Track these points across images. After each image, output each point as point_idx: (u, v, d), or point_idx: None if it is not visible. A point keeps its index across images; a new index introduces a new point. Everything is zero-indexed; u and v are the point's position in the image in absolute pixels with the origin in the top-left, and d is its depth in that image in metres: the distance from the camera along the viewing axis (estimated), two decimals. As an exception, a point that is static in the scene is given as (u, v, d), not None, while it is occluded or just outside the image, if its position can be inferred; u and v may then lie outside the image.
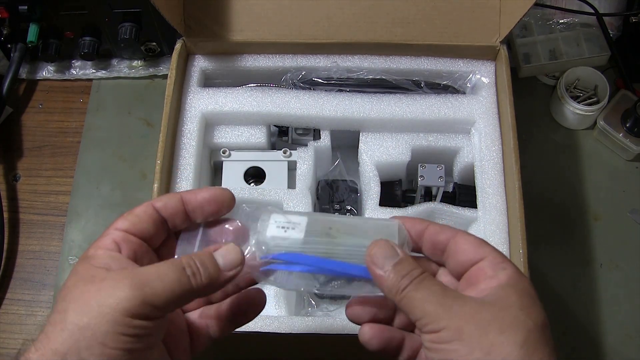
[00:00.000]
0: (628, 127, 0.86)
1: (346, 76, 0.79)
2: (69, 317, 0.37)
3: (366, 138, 0.78)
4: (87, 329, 0.36)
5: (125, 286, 0.37)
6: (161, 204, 0.44)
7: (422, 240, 0.45)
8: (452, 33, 0.77)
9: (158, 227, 0.44)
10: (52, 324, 0.37)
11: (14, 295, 0.83)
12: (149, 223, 0.43)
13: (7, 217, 0.86)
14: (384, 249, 0.42)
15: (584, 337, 0.78)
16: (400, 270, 0.41)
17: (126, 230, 0.42)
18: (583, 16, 0.92)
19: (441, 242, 0.44)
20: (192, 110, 0.77)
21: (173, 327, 0.44)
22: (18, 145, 0.92)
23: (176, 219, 0.44)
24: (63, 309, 0.38)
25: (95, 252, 0.41)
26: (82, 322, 0.37)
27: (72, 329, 0.37)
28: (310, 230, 0.43)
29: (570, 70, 0.90)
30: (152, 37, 0.90)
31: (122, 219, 0.43)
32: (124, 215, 0.43)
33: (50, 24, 0.88)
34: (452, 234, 0.44)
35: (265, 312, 0.72)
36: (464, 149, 0.78)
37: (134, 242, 0.42)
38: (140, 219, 0.43)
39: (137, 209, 0.43)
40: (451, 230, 0.44)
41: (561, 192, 0.87)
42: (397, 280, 0.41)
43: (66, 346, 0.36)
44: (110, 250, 0.41)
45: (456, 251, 0.43)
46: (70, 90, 0.96)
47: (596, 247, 0.83)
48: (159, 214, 0.44)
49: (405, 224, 0.45)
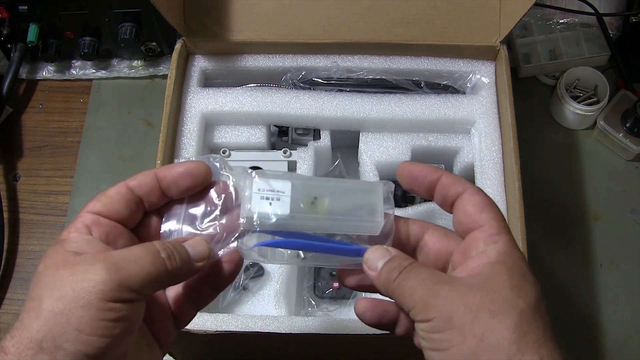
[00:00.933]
0: (628, 127, 0.86)
1: (346, 76, 0.79)
2: (43, 304, 0.36)
3: (366, 138, 0.78)
4: (62, 315, 0.36)
5: (100, 269, 0.37)
6: (135, 182, 0.43)
7: (435, 191, 0.44)
8: (452, 33, 0.77)
9: (132, 207, 0.42)
10: (26, 311, 0.37)
11: (14, 295, 0.83)
12: (122, 204, 0.42)
13: (7, 217, 0.86)
14: (377, 253, 0.42)
15: (584, 337, 0.78)
16: (390, 264, 0.41)
17: (98, 212, 0.41)
18: (583, 16, 0.92)
19: (451, 197, 0.43)
20: (192, 110, 0.77)
21: (156, 308, 0.43)
22: (18, 145, 0.92)
23: (152, 197, 0.43)
24: (37, 296, 0.37)
25: (68, 236, 0.40)
26: (57, 308, 0.36)
27: (47, 315, 0.36)
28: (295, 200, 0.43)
29: (570, 70, 0.90)
30: (152, 37, 0.90)
31: (94, 201, 0.42)
32: (96, 196, 0.42)
33: (50, 24, 0.88)
34: (462, 189, 0.42)
35: (265, 312, 0.72)
36: (464, 149, 0.78)
37: (105, 225, 0.41)
38: (112, 199, 0.42)
39: (109, 190, 0.42)
40: (462, 185, 0.43)
41: (561, 192, 0.87)
42: (387, 274, 0.41)
43: (42, 333, 0.36)
44: (83, 234, 0.40)
45: (459, 211, 0.42)
46: (70, 90, 0.96)
47: (596, 247, 0.83)
48: (133, 193, 0.42)
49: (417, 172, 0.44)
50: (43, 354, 0.35)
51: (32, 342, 0.36)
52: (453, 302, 0.37)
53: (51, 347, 0.35)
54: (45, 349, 0.35)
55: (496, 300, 0.37)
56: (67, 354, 0.35)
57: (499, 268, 0.39)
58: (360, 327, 0.63)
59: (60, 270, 0.37)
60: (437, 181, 0.43)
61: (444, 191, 0.43)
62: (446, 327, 0.37)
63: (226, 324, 0.64)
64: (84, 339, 0.36)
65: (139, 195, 0.43)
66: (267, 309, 0.73)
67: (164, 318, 0.44)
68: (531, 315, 0.37)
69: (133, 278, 0.37)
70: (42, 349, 0.35)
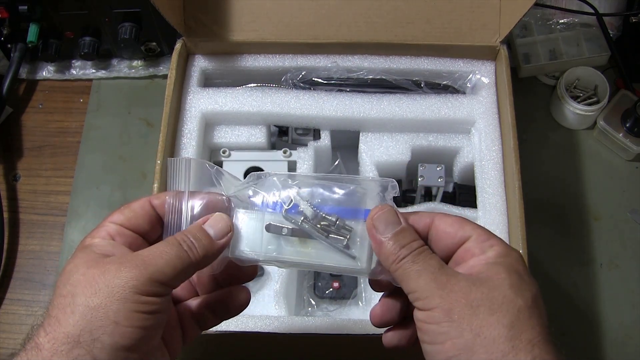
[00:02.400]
0: (628, 127, 0.86)
1: (346, 76, 0.79)
2: (77, 300, 0.37)
3: (366, 138, 0.78)
4: (99, 309, 0.37)
5: (131, 267, 0.38)
6: (159, 201, 0.44)
7: None
8: (452, 33, 0.77)
9: (153, 223, 0.44)
10: (59, 308, 0.38)
11: (14, 295, 0.83)
12: (144, 219, 0.44)
13: (7, 217, 0.86)
14: (387, 215, 0.42)
15: (584, 337, 0.78)
16: (401, 239, 0.41)
17: (121, 224, 0.43)
18: (583, 16, 0.92)
19: (422, 231, 0.43)
20: (192, 110, 0.77)
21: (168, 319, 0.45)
22: (18, 145, 0.92)
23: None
24: (69, 293, 0.38)
25: (92, 241, 0.42)
26: (93, 302, 0.37)
27: (83, 310, 0.37)
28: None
29: (570, 70, 0.90)
30: (152, 37, 0.90)
31: (118, 213, 0.44)
32: (120, 208, 0.44)
33: (50, 24, 0.88)
34: (429, 220, 0.43)
35: (266, 312, 0.72)
36: (464, 149, 0.78)
37: (128, 236, 0.43)
38: (136, 214, 0.44)
39: (134, 204, 0.44)
40: (428, 215, 0.43)
41: (561, 192, 0.87)
42: (396, 250, 0.41)
43: (78, 328, 0.36)
44: (108, 240, 0.42)
45: (438, 236, 0.43)
46: (70, 90, 0.96)
47: (596, 247, 0.83)
48: (155, 211, 0.44)
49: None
50: (79, 348, 0.36)
51: (69, 337, 0.36)
52: (456, 296, 0.38)
53: (88, 341, 0.36)
54: (81, 343, 0.36)
55: (496, 297, 0.38)
56: (104, 346, 0.36)
57: (498, 268, 0.39)
58: (360, 327, 0.63)
59: (91, 269, 0.39)
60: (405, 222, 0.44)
61: (415, 227, 0.43)
62: (445, 319, 0.38)
63: (226, 324, 0.63)
64: (121, 331, 0.37)
65: (160, 214, 0.45)
66: (267, 309, 0.73)
67: (174, 328, 0.45)
68: (528, 314, 0.38)
69: (162, 273, 0.39)
70: (79, 343, 0.36)
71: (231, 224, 0.44)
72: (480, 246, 0.41)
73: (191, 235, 0.42)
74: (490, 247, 0.41)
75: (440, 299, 0.38)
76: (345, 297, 0.76)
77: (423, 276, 0.39)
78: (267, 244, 0.44)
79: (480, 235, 0.41)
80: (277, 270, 0.73)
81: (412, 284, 0.40)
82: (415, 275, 0.40)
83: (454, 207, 0.74)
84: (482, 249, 0.41)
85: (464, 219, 0.43)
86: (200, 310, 0.47)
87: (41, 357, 0.36)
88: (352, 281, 0.77)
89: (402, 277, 0.40)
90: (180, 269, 0.40)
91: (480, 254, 0.41)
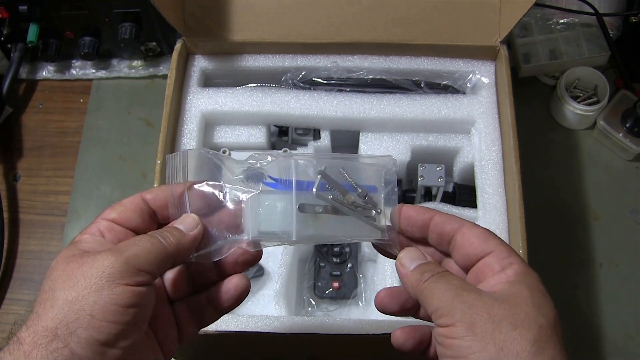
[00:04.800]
0: (628, 127, 0.86)
1: (346, 76, 0.79)
2: (56, 294, 0.38)
3: (366, 138, 0.78)
4: (76, 302, 0.37)
5: (106, 255, 0.39)
6: (151, 196, 0.45)
7: (429, 230, 0.46)
8: (452, 33, 0.77)
9: (145, 217, 0.45)
10: (40, 303, 0.38)
11: (14, 295, 0.83)
12: (136, 213, 0.44)
13: (7, 217, 0.86)
14: (412, 253, 0.45)
15: (584, 337, 0.78)
16: (424, 267, 0.43)
17: (112, 220, 0.44)
18: (583, 16, 0.92)
19: (447, 233, 0.44)
20: (192, 110, 0.77)
21: (161, 318, 0.45)
22: (18, 145, 0.92)
23: (164, 211, 0.46)
24: (50, 288, 0.39)
25: (80, 237, 0.43)
26: (71, 296, 0.37)
27: (61, 304, 0.37)
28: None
29: (570, 70, 0.90)
30: (152, 37, 0.90)
31: (109, 209, 0.44)
32: (112, 205, 0.45)
33: (50, 24, 0.88)
34: (458, 225, 0.44)
35: (265, 312, 0.72)
36: (464, 149, 0.78)
37: (118, 231, 0.44)
38: (127, 208, 0.44)
39: (125, 200, 0.45)
40: (457, 221, 0.44)
41: (561, 192, 0.87)
42: (419, 275, 0.42)
43: (56, 321, 0.37)
44: (96, 236, 0.43)
45: (463, 244, 0.44)
46: (70, 90, 0.96)
47: (596, 247, 0.83)
48: (147, 205, 0.45)
49: (411, 212, 0.46)
50: (57, 341, 0.36)
51: (47, 330, 0.37)
52: (478, 311, 0.39)
53: (65, 334, 0.37)
54: (59, 336, 0.37)
55: (518, 314, 0.39)
56: (80, 340, 0.37)
57: (519, 286, 0.40)
58: (360, 327, 0.63)
59: (70, 264, 0.39)
60: (430, 220, 0.45)
61: (439, 229, 0.45)
62: (468, 333, 0.38)
63: (226, 324, 0.64)
64: (96, 325, 0.37)
65: (153, 208, 0.45)
66: (267, 309, 0.73)
67: (169, 327, 0.45)
68: (550, 333, 0.39)
69: (136, 257, 0.40)
70: (57, 336, 0.37)
71: (198, 220, 0.45)
72: (500, 263, 0.42)
73: (164, 229, 0.43)
74: (509, 265, 0.41)
75: (462, 313, 0.39)
76: (345, 297, 0.76)
77: (445, 293, 0.40)
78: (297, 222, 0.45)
79: (502, 252, 0.42)
80: (277, 270, 0.73)
81: (435, 301, 0.40)
82: (438, 292, 0.41)
83: (454, 207, 0.74)
84: (502, 266, 0.42)
85: (491, 233, 0.44)
86: (197, 306, 0.47)
87: (22, 350, 0.37)
88: (352, 281, 0.77)
89: (426, 296, 0.41)
90: (155, 255, 0.41)
91: (499, 270, 0.41)
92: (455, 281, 0.41)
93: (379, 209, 0.46)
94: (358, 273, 0.77)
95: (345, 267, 0.77)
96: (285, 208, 0.45)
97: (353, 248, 0.78)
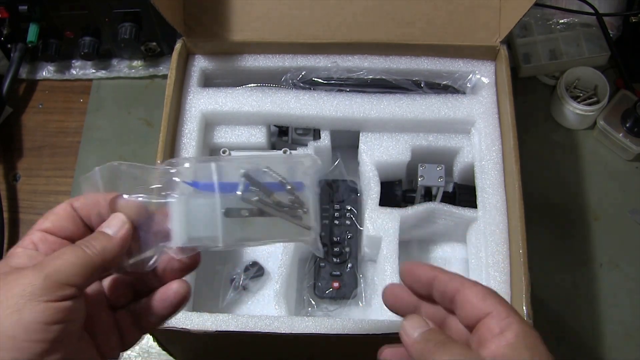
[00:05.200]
0: (628, 127, 0.86)
1: (346, 76, 0.79)
2: None
3: (366, 138, 0.78)
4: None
5: (28, 272, 0.38)
6: (79, 203, 0.44)
7: (432, 288, 0.46)
8: (452, 33, 0.77)
9: (78, 224, 0.44)
10: None
11: (14, 295, 0.82)
12: (68, 221, 0.43)
13: (7, 217, 0.86)
14: (415, 322, 0.45)
15: (584, 337, 0.78)
16: (427, 335, 0.43)
17: (46, 230, 0.43)
18: (583, 16, 0.92)
19: (449, 292, 0.44)
20: (192, 110, 0.77)
21: (100, 324, 0.44)
22: (18, 145, 0.92)
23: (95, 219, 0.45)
24: None
25: (13, 251, 0.42)
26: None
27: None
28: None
29: (570, 70, 0.90)
30: (152, 37, 0.90)
31: (43, 218, 0.43)
32: (45, 214, 0.44)
33: (50, 24, 0.88)
34: (459, 285, 0.44)
35: (265, 312, 0.72)
36: (464, 149, 0.78)
37: (52, 242, 0.42)
38: (59, 217, 0.43)
39: (57, 208, 0.44)
40: (459, 280, 0.44)
41: (561, 192, 0.87)
42: (425, 344, 0.43)
43: None
44: (28, 249, 0.42)
45: (463, 304, 0.44)
46: (70, 90, 0.96)
47: (596, 247, 0.83)
48: (77, 213, 0.44)
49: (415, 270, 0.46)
50: None
51: None
52: None
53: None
54: None
55: None
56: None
57: (520, 350, 0.40)
58: (360, 327, 0.63)
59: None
60: (434, 278, 0.45)
61: (442, 288, 0.45)
62: None
63: (226, 324, 0.64)
64: (19, 346, 0.36)
65: (83, 216, 0.44)
66: (267, 309, 0.73)
67: (109, 333, 0.45)
68: None
69: (58, 270, 0.38)
70: None
71: (126, 219, 0.43)
72: (499, 324, 0.42)
73: (89, 237, 0.42)
74: (508, 326, 0.41)
75: None
76: (345, 297, 0.76)
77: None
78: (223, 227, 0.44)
79: (500, 313, 0.42)
80: (277, 270, 0.73)
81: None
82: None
83: (454, 207, 0.74)
84: (501, 328, 0.42)
85: (490, 291, 0.44)
86: (139, 312, 0.46)
87: None
88: (352, 281, 0.77)
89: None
90: (79, 266, 0.39)
91: (499, 333, 0.41)
92: (456, 349, 0.41)
93: (305, 207, 0.45)
94: (358, 273, 0.77)
95: (345, 267, 0.77)
96: (210, 213, 0.44)
97: (353, 248, 0.78)
